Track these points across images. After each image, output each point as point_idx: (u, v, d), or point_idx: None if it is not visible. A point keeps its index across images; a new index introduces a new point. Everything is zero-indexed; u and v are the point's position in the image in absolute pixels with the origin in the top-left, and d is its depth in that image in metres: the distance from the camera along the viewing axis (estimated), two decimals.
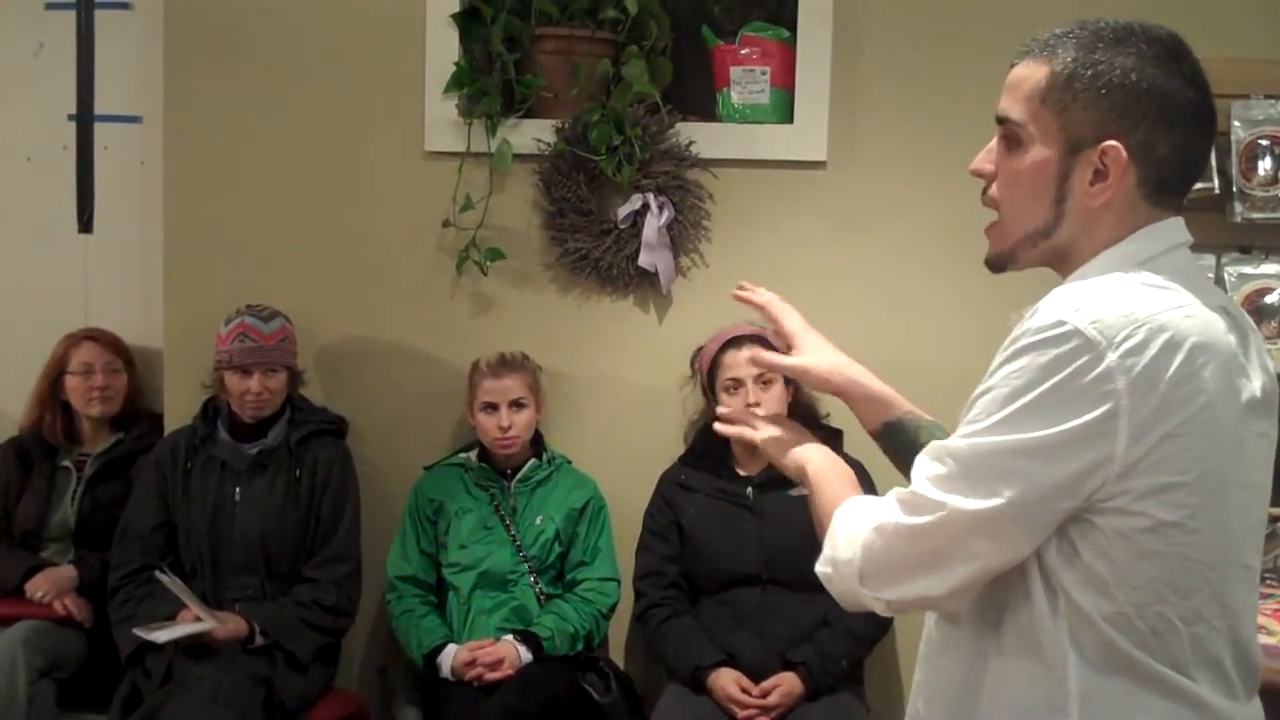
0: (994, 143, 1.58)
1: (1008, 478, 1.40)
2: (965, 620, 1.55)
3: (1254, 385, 1.48)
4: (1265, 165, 3.05)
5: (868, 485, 3.28)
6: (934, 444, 1.50)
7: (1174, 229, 1.53)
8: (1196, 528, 1.42)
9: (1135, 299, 1.41)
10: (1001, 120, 1.55)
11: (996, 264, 1.61)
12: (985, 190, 1.59)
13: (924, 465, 1.49)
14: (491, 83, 3.50)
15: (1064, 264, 1.55)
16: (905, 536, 1.47)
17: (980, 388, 1.46)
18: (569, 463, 3.54)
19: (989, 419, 1.42)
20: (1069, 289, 1.46)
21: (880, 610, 1.54)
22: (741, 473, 3.37)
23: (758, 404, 3.27)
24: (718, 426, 2.02)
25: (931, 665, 1.63)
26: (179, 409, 3.68)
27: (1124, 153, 1.47)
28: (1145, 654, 1.44)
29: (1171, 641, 1.44)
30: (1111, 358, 1.37)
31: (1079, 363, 1.37)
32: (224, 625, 3.31)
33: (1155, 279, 1.46)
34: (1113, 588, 1.42)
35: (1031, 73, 1.53)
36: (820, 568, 1.58)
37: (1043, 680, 1.46)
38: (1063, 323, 1.39)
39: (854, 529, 1.53)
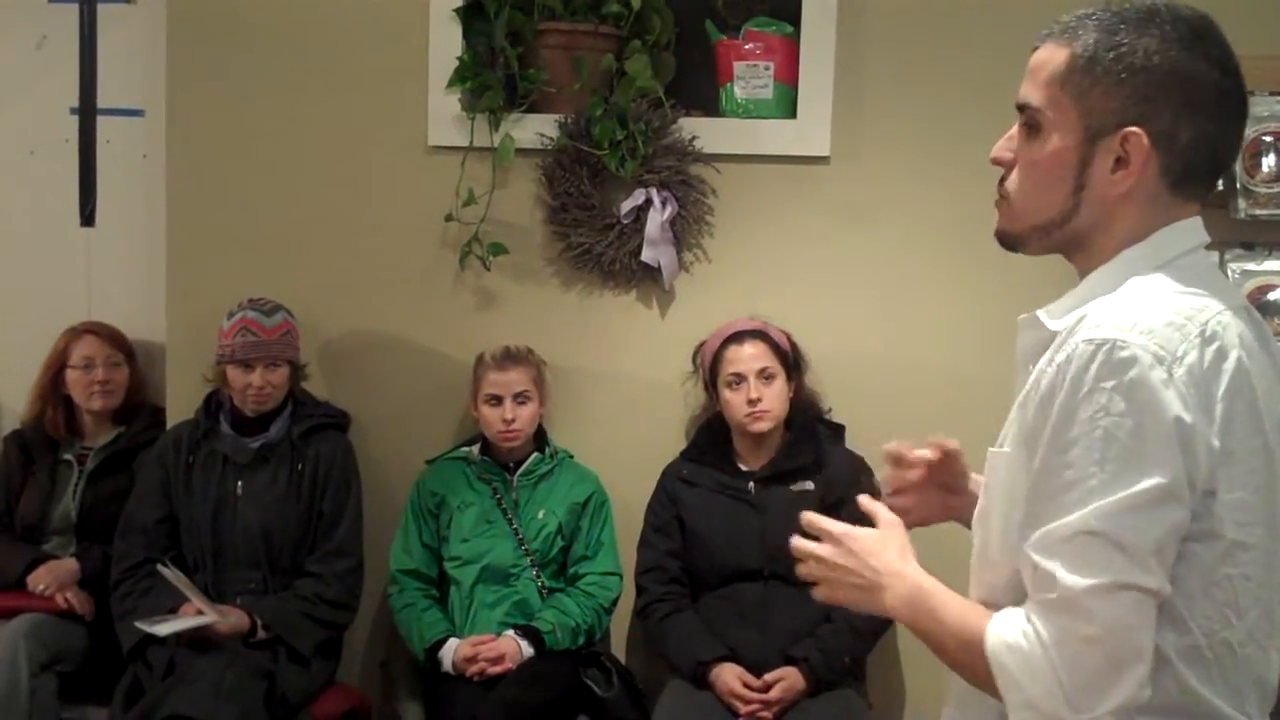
0: (1014, 130, 1.52)
1: (1149, 532, 1.32)
2: None
3: None
4: (1269, 162, 3.05)
5: (869, 482, 3.31)
6: (1046, 532, 1.36)
7: (1193, 229, 1.48)
8: (1254, 544, 1.38)
9: (1176, 308, 1.37)
10: (1021, 107, 1.50)
11: (1006, 242, 1.55)
12: (1002, 179, 1.53)
13: (1063, 553, 1.34)
14: (494, 77, 3.50)
15: (1078, 252, 1.50)
16: (1095, 642, 1.33)
17: (1063, 437, 1.35)
18: (571, 457, 3.54)
19: (1102, 474, 1.33)
20: (1107, 307, 1.39)
21: None
22: (743, 468, 3.36)
23: (759, 399, 3.27)
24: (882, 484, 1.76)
25: (966, 711, 1.55)
26: (181, 403, 3.68)
27: (1146, 140, 1.42)
28: (1208, 688, 1.38)
29: (1230, 667, 1.39)
30: (1179, 373, 1.33)
31: (1154, 385, 1.32)
32: (226, 619, 3.31)
33: (1187, 285, 1.41)
34: (1188, 619, 1.37)
35: (1051, 56, 1.47)
36: (1017, 715, 1.39)
37: None
38: (1125, 345, 1.33)
39: (1025, 658, 1.36)
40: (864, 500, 1.70)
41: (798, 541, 1.67)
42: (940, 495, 1.79)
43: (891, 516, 1.65)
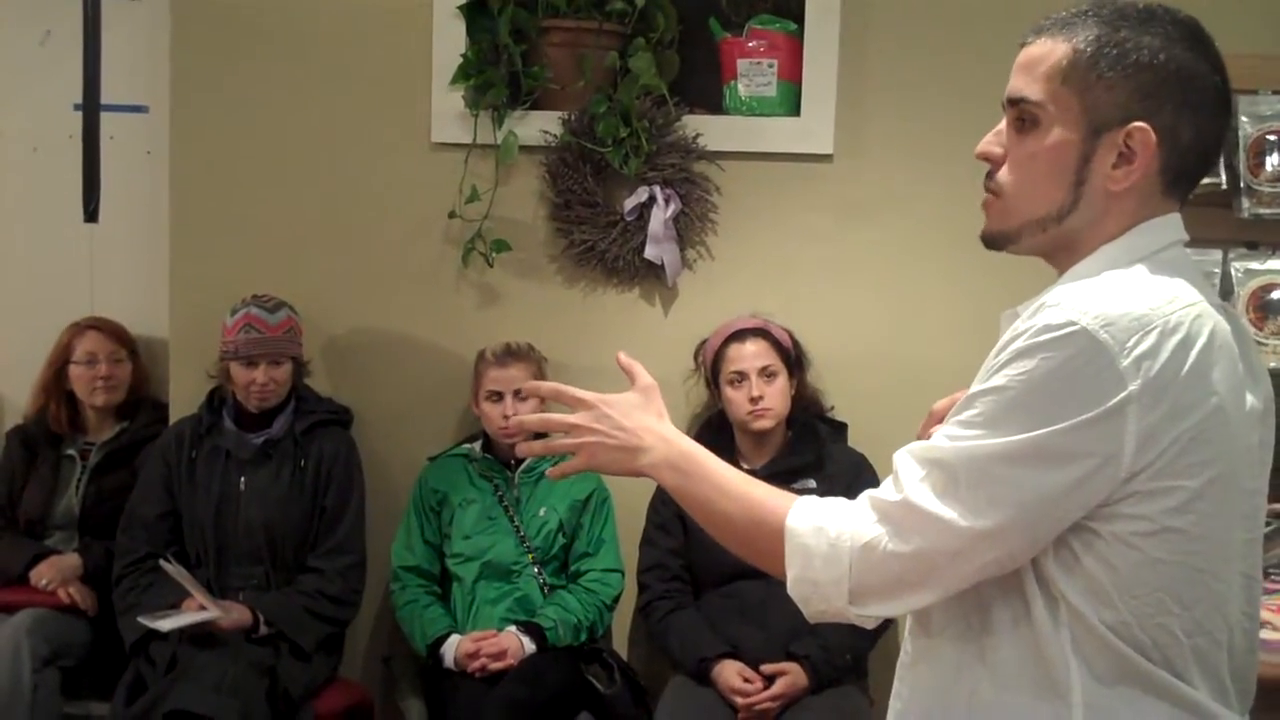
0: (1002, 125, 1.50)
1: (1013, 487, 1.35)
2: (944, 631, 1.49)
3: (1256, 390, 1.44)
4: (1273, 161, 3.05)
5: (871, 480, 3.31)
6: (923, 446, 1.42)
7: (1173, 225, 1.48)
8: (1202, 535, 1.37)
9: (1144, 299, 1.36)
10: (1016, 101, 1.47)
11: (996, 241, 1.53)
12: (990, 175, 1.51)
13: (914, 470, 1.41)
14: (498, 74, 3.50)
15: (1066, 252, 1.49)
16: (900, 558, 1.39)
17: (980, 385, 1.39)
18: (573, 454, 3.52)
19: (992, 423, 1.36)
20: (1075, 288, 1.39)
21: (867, 625, 1.48)
22: (745, 466, 3.36)
23: (761, 397, 3.27)
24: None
25: (912, 682, 1.57)
26: (184, 398, 3.68)
27: (1153, 135, 1.41)
28: (1149, 662, 1.38)
29: (1173, 653, 1.39)
30: (1124, 363, 1.32)
31: (1090, 367, 1.32)
32: (228, 614, 3.31)
33: (1160, 276, 1.41)
34: (1114, 597, 1.37)
35: (1050, 51, 1.45)
36: (795, 589, 1.47)
37: (1045, 692, 1.40)
38: (1073, 324, 1.33)
39: (830, 546, 1.43)
40: (621, 357, 1.73)
41: (537, 418, 1.75)
42: None
43: (649, 380, 1.70)
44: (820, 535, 1.44)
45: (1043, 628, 1.40)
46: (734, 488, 1.56)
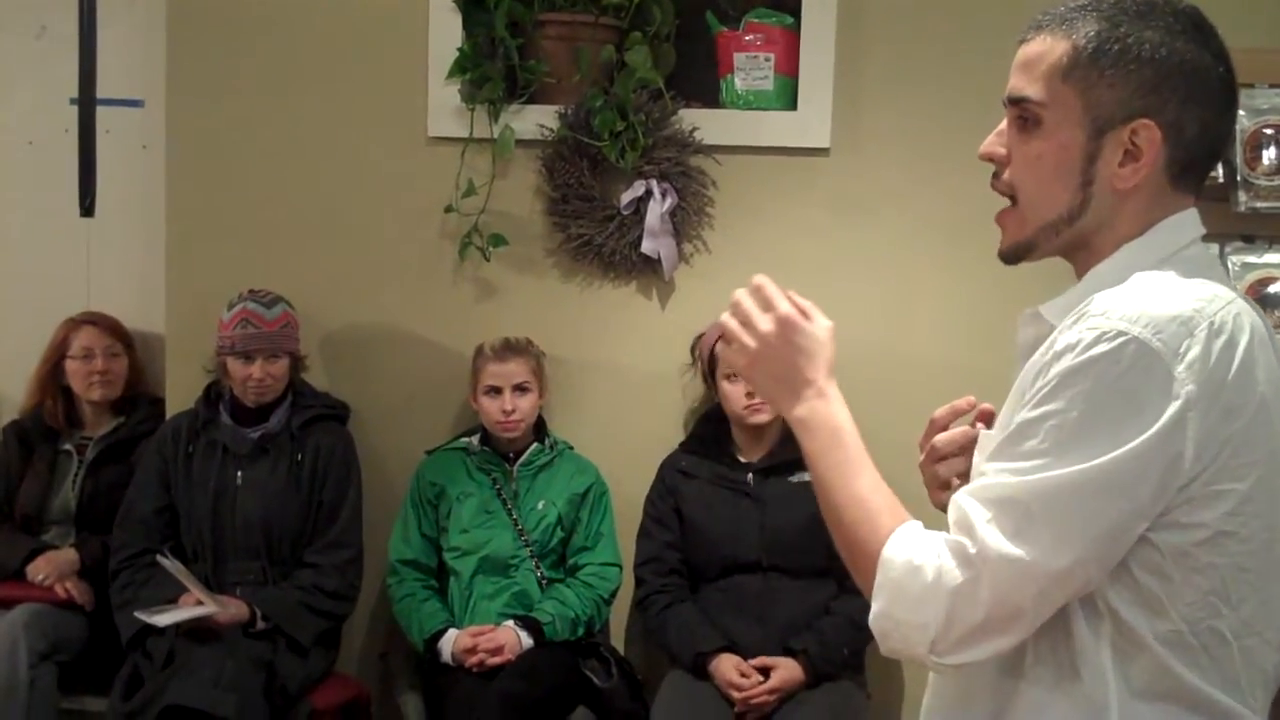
0: (1004, 125, 1.48)
1: (1088, 519, 1.31)
2: None
3: None
4: (1270, 154, 3.04)
5: None
6: (983, 486, 1.37)
7: (1192, 221, 1.46)
8: (1249, 535, 1.35)
9: (1186, 301, 1.34)
10: (1016, 100, 1.45)
11: (1014, 255, 1.50)
12: (996, 175, 1.49)
13: (980, 513, 1.35)
14: (494, 68, 3.49)
15: (1083, 253, 1.47)
16: (983, 605, 1.34)
17: (1034, 410, 1.34)
18: (571, 448, 3.54)
19: (1058, 450, 1.32)
20: (1116, 295, 1.36)
21: (945, 674, 1.43)
22: (742, 459, 3.37)
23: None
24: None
25: (942, 694, 1.53)
26: (180, 393, 3.68)
27: (1158, 131, 1.39)
28: (1196, 674, 1.36)
29: (1223, 658, 1.37)
30: (1179, 369, 1.30)
31: (1147, 377, 1.30)
32: (225, 609, 3.31)
33: (1193, 276, 1.39)
34: (1167, 606, 1.35)
35: (1049, 48, 1.43)
36: (876, 624, 1.41)
37: (1082, 709, 1.38)
38: (1124, 334, 1.31)
39: (923, 589, 1.36)
40: (794, 296, 1.60)
41: (742, 297, 1.59)
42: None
43: (826, 320, 1.61)
44: (916, 576, 1.37)
45: (1083, 644, 1.38)
46: (857, 485, 1.47)
